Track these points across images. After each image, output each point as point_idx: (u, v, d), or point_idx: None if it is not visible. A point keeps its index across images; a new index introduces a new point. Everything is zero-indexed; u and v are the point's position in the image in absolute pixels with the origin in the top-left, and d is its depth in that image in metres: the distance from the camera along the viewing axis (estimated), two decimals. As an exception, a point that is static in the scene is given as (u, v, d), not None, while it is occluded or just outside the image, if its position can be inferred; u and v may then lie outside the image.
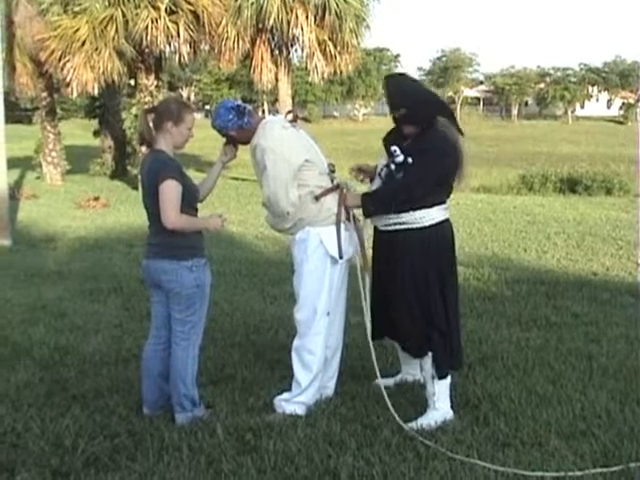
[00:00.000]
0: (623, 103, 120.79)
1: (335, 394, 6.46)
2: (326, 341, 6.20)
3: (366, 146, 56.07)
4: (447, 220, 6.15)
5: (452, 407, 6.11)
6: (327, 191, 6.10)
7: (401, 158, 5.98)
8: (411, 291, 5.99)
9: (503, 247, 15.74)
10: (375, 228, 6.28)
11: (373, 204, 6.09)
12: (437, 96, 6.65)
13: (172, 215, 5.63)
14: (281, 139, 6.01)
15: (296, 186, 5.97)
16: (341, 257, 6.10)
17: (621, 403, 6.40)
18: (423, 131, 6.01)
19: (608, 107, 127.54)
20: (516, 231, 18.13)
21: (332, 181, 6.19)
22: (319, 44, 28.75)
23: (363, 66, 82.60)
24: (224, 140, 6.32)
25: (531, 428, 5.85)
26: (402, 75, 6.72)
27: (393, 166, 6.02)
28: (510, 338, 8.39)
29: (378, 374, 6.23)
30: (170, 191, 5.64)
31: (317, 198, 6.04)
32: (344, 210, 6.14)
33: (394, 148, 6.06)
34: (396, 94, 6.20)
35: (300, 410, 6.11)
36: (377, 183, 6.27)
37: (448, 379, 6.10)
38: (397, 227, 6.03)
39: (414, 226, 5.97)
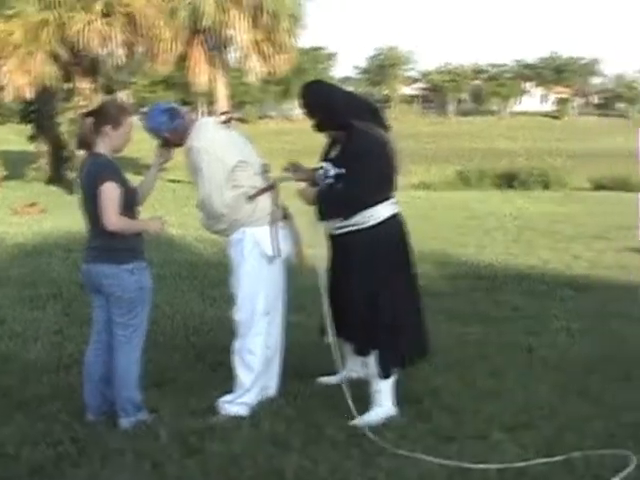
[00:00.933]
0: (559, 99, 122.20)
1: (278, 394, 6.47)
2: (266, 341, 6.21)
3: (303, 145, 55.94)
4: (396, 215, 6.17)
5: (396, 403, 6.15)
6: (261, 191, 6.10)
7: (333, 172, 6.02)
8: (358, 289, 6.02)
9: (442, 243, 15.81)
10: (328, 234, 6.30)
11: (325, 203, 6.07)
12: (355, 98, 6.63)
13: (113, 217, 5.60)
14: (214, 140, 6.01)
15: (230, 187, 5.96)
16: (277, 256, 6.11)
17: (562, 395, 6.49)
18: (347, 136, 6.05)
19: (541, 102, 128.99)
20: (455, 227, 18.25)
21: (266, 181, 6.20)
22: (255, 44, 28.72)
23: (299, 66, 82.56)
24: (158, 142, 6.30)
25: (474, 422, 5.92)
26: (314, 83, 6.63)
27: (331, 180, 6.05)
28: (451, 333, 8.46)
29: (340, 369, 6.34)
30: (110, 193, 5.61)
31: (251, 198, 6.04)
32: (279, 209, 6.16)
33: (324, 165, 6.13)
34: (306, 104, 6.27)
35: (243, 411, 6.10)
36: None
37: (393, 377, 6.14)
38: (346, 230, 6.06)
39: (362, 226, 5.99)
